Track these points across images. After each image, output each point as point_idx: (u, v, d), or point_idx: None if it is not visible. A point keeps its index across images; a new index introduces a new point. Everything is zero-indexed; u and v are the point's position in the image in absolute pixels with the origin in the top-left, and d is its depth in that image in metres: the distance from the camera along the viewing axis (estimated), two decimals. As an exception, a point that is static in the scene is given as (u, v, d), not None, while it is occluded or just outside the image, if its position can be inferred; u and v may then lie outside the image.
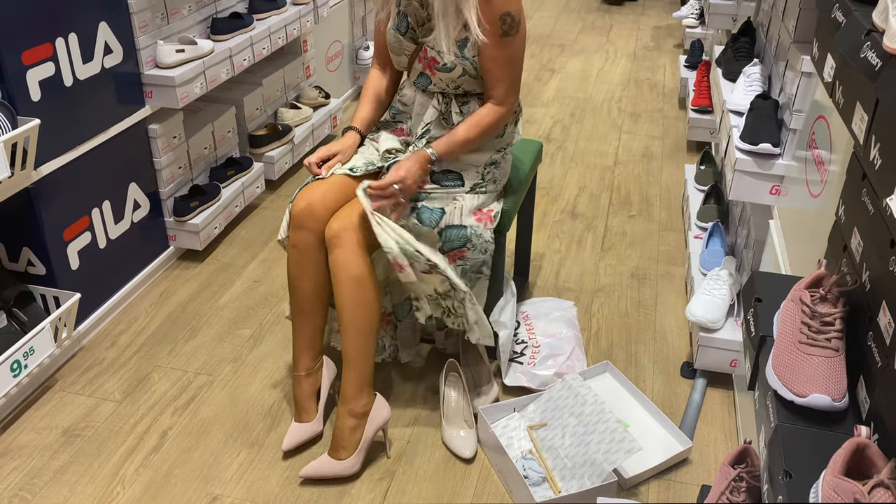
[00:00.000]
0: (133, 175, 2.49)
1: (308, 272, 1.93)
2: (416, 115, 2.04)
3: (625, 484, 1.89)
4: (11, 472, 1.91)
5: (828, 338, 1.11)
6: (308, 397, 1.99)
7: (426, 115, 2.01)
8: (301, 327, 1.98)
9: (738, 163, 1.96)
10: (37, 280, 2.22)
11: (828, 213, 1.51)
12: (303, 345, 1.99)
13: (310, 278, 1.93)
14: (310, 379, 1.99)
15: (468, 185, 1.99)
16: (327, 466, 1.87)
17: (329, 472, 1.87)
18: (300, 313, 1.97)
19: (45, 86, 2.06)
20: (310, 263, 1.92)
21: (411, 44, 1.94)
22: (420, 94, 2.01)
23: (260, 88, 3.15)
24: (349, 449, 1.88)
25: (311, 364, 1.99)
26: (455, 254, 1.96)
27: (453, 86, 1.95)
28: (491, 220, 2.01)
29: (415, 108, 2.04)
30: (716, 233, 2.57)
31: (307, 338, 1.98)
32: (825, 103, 1.72)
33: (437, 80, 1.94)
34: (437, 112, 1.99)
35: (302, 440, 1.96)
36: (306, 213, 1.89)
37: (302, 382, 1.98)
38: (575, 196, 3.27)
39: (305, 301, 1.96)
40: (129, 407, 2.12)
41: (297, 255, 1.92)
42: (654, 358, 2.34)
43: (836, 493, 0.89)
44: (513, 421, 2.04)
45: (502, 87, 1.93)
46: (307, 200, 1.90)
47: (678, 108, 4.19)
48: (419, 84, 2.00)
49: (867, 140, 1.01)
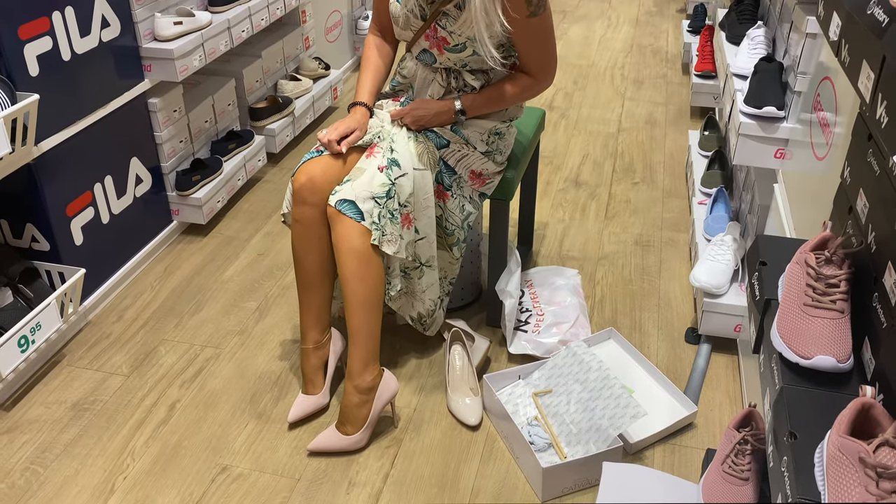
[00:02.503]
0: (134, 150, 2.48)
1: (312, 247, 1.92)
2: (419, 90, 2.02)
3: (630, 449, 1.90)
4: (23, 446, 1.93)
5: (833, 299, 1.11)
6: (315, 370, 2.00)
7: (430, 90, 1.99)
8: (307, 301, 1.98)
9: (742, 127, 1.94)
10: (41, 256, 2.22)
11: (833, 175, 1.50)
12: (310, 319, 1.99)
13: (314, 253, 1.93)
14: (318, 352, 2.00)
15: (479, 149, 1.99)
16: (335, 440, 1.89)
17: (336, 446, 1.89)
18: (306, 288, 1.97)
19: (43, 61, 2.04)
20: (314, 238, 1.91)
21: (419, 21, 1.91)
22: (423, 68, 1.99)
23: (259, 60, 3.12)
24: (356, 424, 1.88)
25: (318, 337, 1.99)
26: (439, 190, 1.96)
27: (460, 64, 1.93)
28: (483, 184, 2.01)
29: (417, 82, 2.02)
30: (720, 198, 2.56)
31: (314, 312, 1.98)
32: (830, 64, 1.70)
33: (445, 59, 1.92)
34: (442, 88, 1.97)
35: (308, 412, 1.98)
36: (308, 187, 1.88)
37: (310, 356, 1.99)
38: (578, 164, 3.26)
39: (311, 276, 1.95)
40: (136, 380, 2.13)
41: (300, 230, 1.92)
42: (658, 324, 2.34)
43: (841, 453, 0.89)
44: (518, 388, 2.05)
45: (537, 64, 1.94)
46: (308, 175, 1.88)
47: (681, 73, 4.15)
48: (423, 59, 1.98)
49: (874, 98, 0.99)
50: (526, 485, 1.83)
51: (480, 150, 1.99)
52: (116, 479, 1.84)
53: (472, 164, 1.99)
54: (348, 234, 1.81)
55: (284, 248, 2.69)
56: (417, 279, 2.00)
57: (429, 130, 1.96)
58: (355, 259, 1.82)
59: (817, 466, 0.95)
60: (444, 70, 1.96)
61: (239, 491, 1.81)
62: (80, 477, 1.84)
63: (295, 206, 1.91)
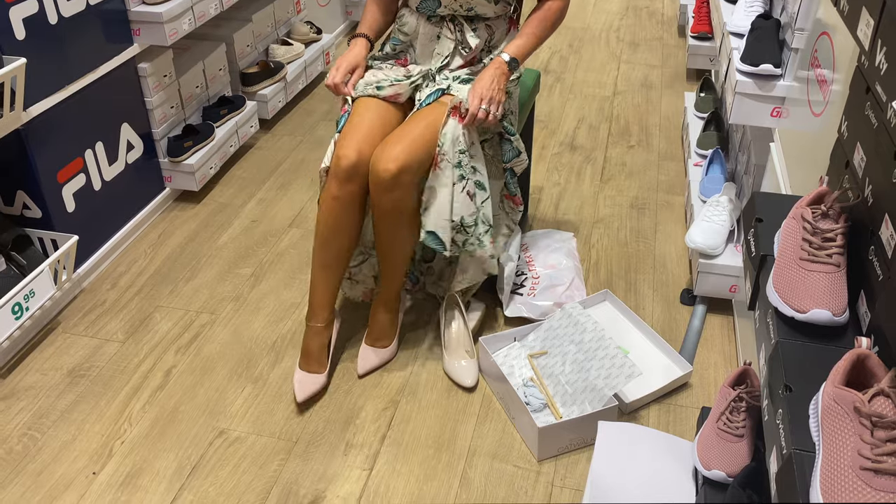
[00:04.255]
0: (125, 115, 2.45)
1: (344, 228, 1.88)
2: (424, 47, 1.97)
3: (625, 408, 1.91)
4: (19, 412, 1.93)
5: (829, 253, 1.11)
6: (321, 349, 1.97)
7: (440, 47, 1.95)
8: (326, 281, 1.93)
9: (738, 85, 1.92)
10: (33, 223, 2.20)
11: (829, 132, 1.49)
12: (324, 299, 1.94)
13: (345, 235, 1.89)
14: (326, 331, 1.97)
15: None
16: (381, 355, 2.04)
17: (380, 362, 2.04)
18: (327, 268, 1.92)
19: (29, 24, 2.01)
20: (350, 218, 1.88)
21: None
22: (425, 22, 1.94)
23: (250, 24, 3.08)
24: (391, 336, 2.06)
25: (329, 316, 1.97)
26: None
27: (466, 7, 1.90)
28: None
29: (420, 39, 1.97)
30: (716, 160, 2.55)
31: (330, 292, 1.95)
32: (828, 20, 1.67)
33: (449, 0, 1.88)
34: (452, 42, 1.94)
35: (315, 391, 1.94)
36: (357, 164, 1.82)
37: (318, 333, 1.96)
38: (574, 128, 3.23)
39: (335, 257, 1.91)
40: (132, 347, 2.13)
41: (339, 208, 1.85)
42: (653, 286, 2.34)
43: (836, 403, 0.89)
44: (513, 350, 2.05)
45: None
46: (357, 150, 1.82)
47: (677, 35, 4.11)
48: (424, 9, 1.93)
49: (873, 45, 0.98)
50: (522, 445, 1.84)
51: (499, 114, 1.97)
52: (114, 443, 1.85)
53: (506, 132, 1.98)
54: (405, 204, 1.85)
55: (278, 214, 2.68)
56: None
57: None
58: (407, 224, 1.89)
59: (812, 418, 0.96)
60: (451, 21, 1.92)
61: (237, 454, 1.82)
62: (78, 442, 1.85)
63: (338, 183, 1.83)
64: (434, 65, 1.96)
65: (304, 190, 2.81)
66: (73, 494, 1.73)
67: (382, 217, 1.87)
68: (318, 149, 3.08)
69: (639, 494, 1.49)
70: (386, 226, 1.88)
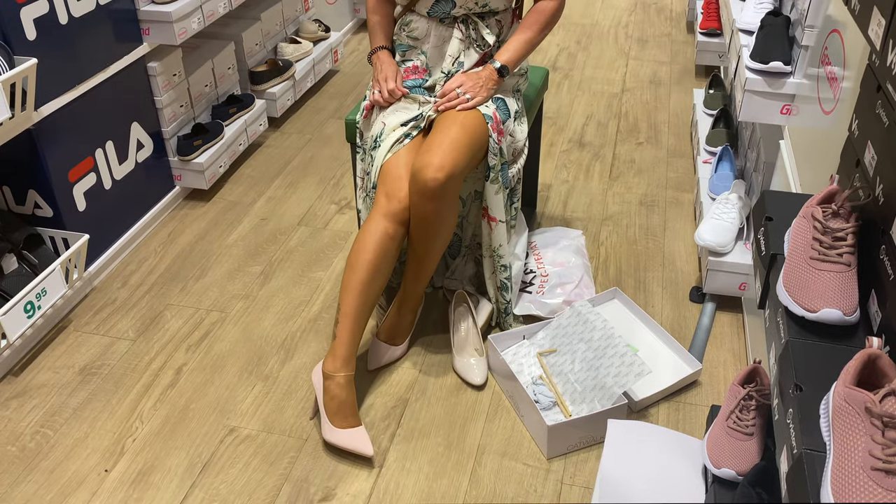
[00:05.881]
0: (135, 114, 2.46)
1: (392, 264, 1.85)
2: (435, 48, 1.97)
3: (635, 406, 1.91)
4: (32, 410, 1.94)
5: (839, 253, 1.10)
6: (352, 403, 1.80)
7: (450, 49, 1.94)
8: (361, 321, 1.81)
9: (748, 83, 1.91)
10: (45, 222, 2.22)
11: (840, 130, 1.48)
12: (356, 339, 1.81)
13: (391, 260, 1.83)
14: (353, 382, 1.81)
15: (512, 111, 1.97)
16: (389, 354, 2.04)
17: (391, 359, 2.05)
18: (367, 305, 1.80)
19: (40, 24, 2.02)
20: (396, 255, 1.85)
21: None
22: (437, 24, 1.94)
23: (258, 23, 3.09)
24: (406, 335, 2.07)
25: (354, 362, 1.82)
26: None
27: (481, 3, 1.90)
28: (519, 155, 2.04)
29: (431, 41, 1.96)
30: (725, 157, 2.54)
31: (361, 332, 1.83)
32: (838, 17, 1.67)
33: (464, 0, 1.89)
34: (462, 43, 1.94)
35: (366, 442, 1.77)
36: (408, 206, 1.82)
37: (349, 385, 1.79)
38: (582, 125, 3.23)
39: (377, 296, 1.83)
40: (143, 345, 2.14)
41: (394, 247, 1.81)
42: (662, 284, 2.34)
43: (847, 403, 0.89)
44: (522, 348, 2.05)
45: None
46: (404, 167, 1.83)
47: (686, 32, 4.09)
48: (436, 13, 1.92)
49: (884, 45, 0.98)
50: (531, 443, 1.84)
51: (512, 109, 1.98)
52: (126, 441, 1.86)
53: (515, 137, 1.99)
54: (448, 213, 1.87)
55: (287, 212, 2.69)
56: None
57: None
58: (446, 233, 1.90)
59: (822, 418, 0.95)
60: (462, 22, 1.92)
61: (247, 452, 1.83)
62: (90, 440, 1.86)
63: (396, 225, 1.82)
64: (447, 67, 1.96)
65: (312, 188, 2.82)
66: (85, 492, 1.74)
67: (421, 223, 1.84)
68: (326, 147, 3.08)
69: (648, 492, 1.49)
70: (424, 232, 1.86)
